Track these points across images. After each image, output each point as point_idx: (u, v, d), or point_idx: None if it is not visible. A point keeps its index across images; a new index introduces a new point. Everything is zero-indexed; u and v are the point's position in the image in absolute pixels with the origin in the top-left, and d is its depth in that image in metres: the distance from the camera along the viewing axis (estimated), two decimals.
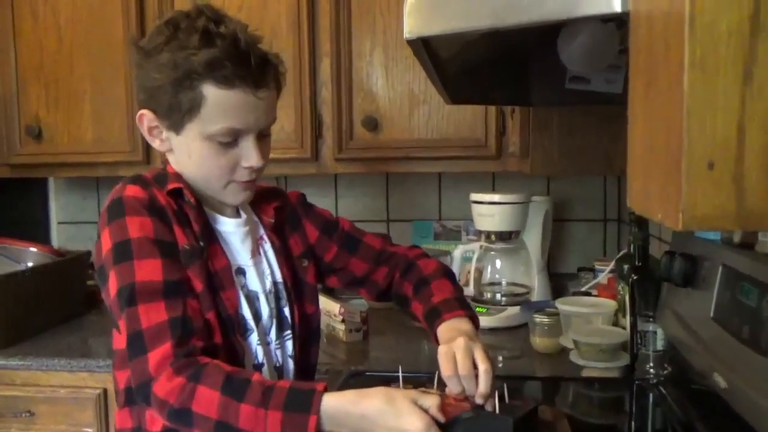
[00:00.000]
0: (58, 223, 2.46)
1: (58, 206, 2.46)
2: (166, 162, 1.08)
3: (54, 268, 1.96)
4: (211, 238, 1.04)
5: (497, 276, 1.94)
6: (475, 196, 1.91)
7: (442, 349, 0.96)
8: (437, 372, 0.96)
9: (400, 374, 1.03)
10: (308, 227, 1.20)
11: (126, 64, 1.97)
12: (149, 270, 0.94)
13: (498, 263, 1.94)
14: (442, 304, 1.10)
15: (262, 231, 1.14)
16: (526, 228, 1.93)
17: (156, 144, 1.05)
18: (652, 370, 1.35)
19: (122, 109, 2.00)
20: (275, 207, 1.15)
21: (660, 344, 1.34)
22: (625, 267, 1.49)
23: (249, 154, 1.00)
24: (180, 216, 1.01)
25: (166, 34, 0.97)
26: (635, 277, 1.38)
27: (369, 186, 2.28)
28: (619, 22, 0.87)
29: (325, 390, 0.87)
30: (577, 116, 1.36)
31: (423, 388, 1.01)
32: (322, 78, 1.92)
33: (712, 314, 1.01)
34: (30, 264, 1.94)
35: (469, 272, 1.98)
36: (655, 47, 0.39)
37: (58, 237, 2.46)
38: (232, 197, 1.06)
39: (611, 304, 1.53)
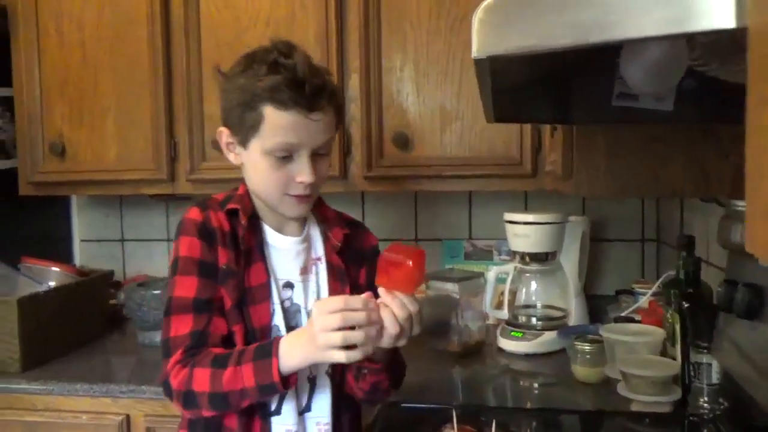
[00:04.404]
0: (81, 240, 2.43)
1: (80, 224, 2.43)
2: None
3: (76, 288, 1.92)
4: (258, 254, 1.17)
5: (533, 298, 1.86)
6: (509, 216, 1.84)
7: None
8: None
9: (455, 414, 0.99)
10: (362, 275, 1.27)
11: (151, 81, 1.94)
12: (186, 287, 1.13)
13: (533, 285, 1.86)
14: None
15: (321, 253, 1.24)
16: (562, 249, 1.85)
17: (231, 158, 1.20)
18: (706, 405, 1.27)
19: (146, 127, 1.96)
20: (345, 234, 1.25)
21: (715, 377, 1.26)
22: (675, 293, 1.41)
23: (302, 170, 1.13)
24: (228, 236, 1.15)
25: (243, 65, 1.15)
26: (687, 305, 1.30)
27: (397, 204, 2.22)
28: (689, 37, 0.81)
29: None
30: (625, 135, 1.28)
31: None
32: (351, 94, 1.86)
33: None
34: (52, 284, 1.90)
35: (502, 294, 1.90)
36: None
37: (80, 255, 2.43)
38: (288, 210, 1.17)
39: (659, 332, 1.45)
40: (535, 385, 1.62)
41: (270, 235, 1.21)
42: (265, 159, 1.13)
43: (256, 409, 1.13)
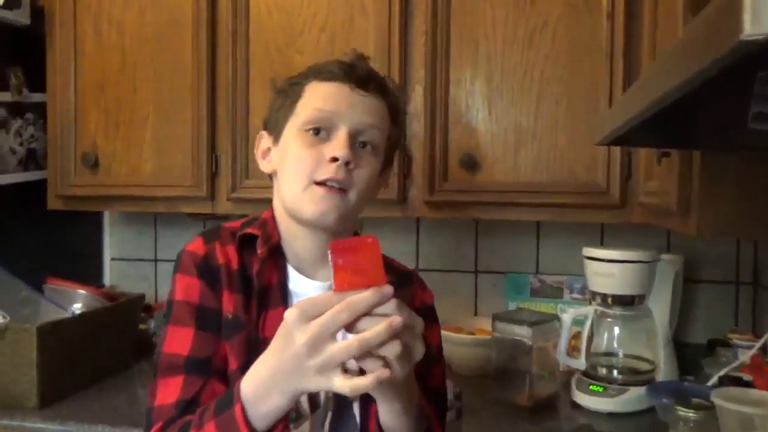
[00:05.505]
0: (112, 259, 2.26)
1: (112, 241, 2.27)
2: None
3: (103, 314, 1.74)
4: (279, 297, 0.95)
5: (615, 345, 1.62)
6: (590, 252, 1.61)
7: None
8: None
9: None
10: None
11: (193, 90, 1.77)
12: (179, 341, 0.91)
13: (615, 331, 1.62)
14: None
15: None
16: (651, 291, 1.61)
17: (264, 166, 1.03)
18: None
19: (186, 139, 1.78)
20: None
21: None
22: None
23: (334, 145, 0.92)
24: (237, 276, 0.94)
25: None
26: None
27: (456, 231, 2.01)
28: None
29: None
30: (762, 164, 1.06)
31: None
32: (414, 108, 1.66)
33: None
34: (78, 305, 1.73)
35: (574, 338, 1.67)
36: None
37: (110, 274, 2.26)
38: (310, 205, 0.92)
39: None
40: None
41: (292, 277, 0.97)
42: (298, 138, 0.95)
43: None
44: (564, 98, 1.58)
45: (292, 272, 0.97)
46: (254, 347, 0.89)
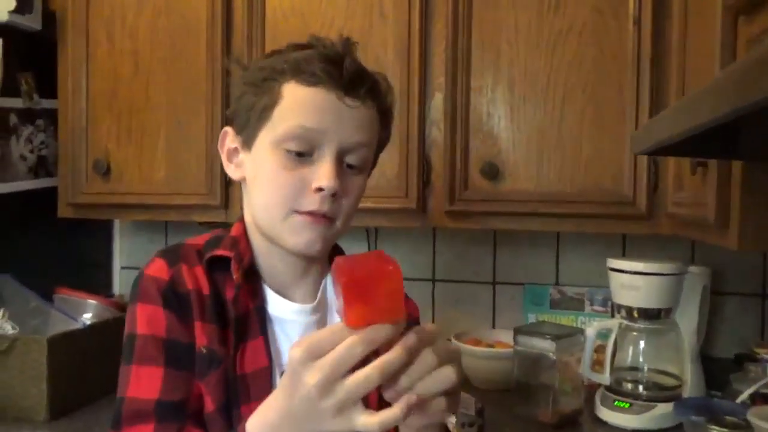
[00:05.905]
0: (122, 267, 2.23)
1: (122, 249, 2.23)
2: (240, 220, 0.92)
3: (114, 324, 1.70)
4: (257, 326, 0.85)
5: (640, 360, 1.57)
6: (614, 263, 1.57)
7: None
8: None
9: None
10: None
11: (207, 96, 1.73)
12: (146, 382, 0.79)
13: (641, 345, 1.57)
14: None
15: None
16: (678, 305, 1.57)
17: (231, 171, 0.90)
18: None
19: (200, 146, 1.74)
20: None
21: None
22: None
23: (321, 172, 0.81)
24: (209, 302, 0.84)
25: (269, 53, 0.91)
26: None
27: (473, 241, 1.97)
28: None
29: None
30: None
31: None
32: (434, 115, 1.63)
33: None
34: (88, 316, 1.70)
35: (596, 351, 1.62)
36: None
37: (120, 283, 2.22)
38: (292, 236, 0.83)
39: None
40: None
41: (270, 300, 0.88)
42: (275, 155, 0.82)
43: None
44: (589, 106, 1.54)
45: (269, 294, 0.88)
46: (233, 385, 0.81)
